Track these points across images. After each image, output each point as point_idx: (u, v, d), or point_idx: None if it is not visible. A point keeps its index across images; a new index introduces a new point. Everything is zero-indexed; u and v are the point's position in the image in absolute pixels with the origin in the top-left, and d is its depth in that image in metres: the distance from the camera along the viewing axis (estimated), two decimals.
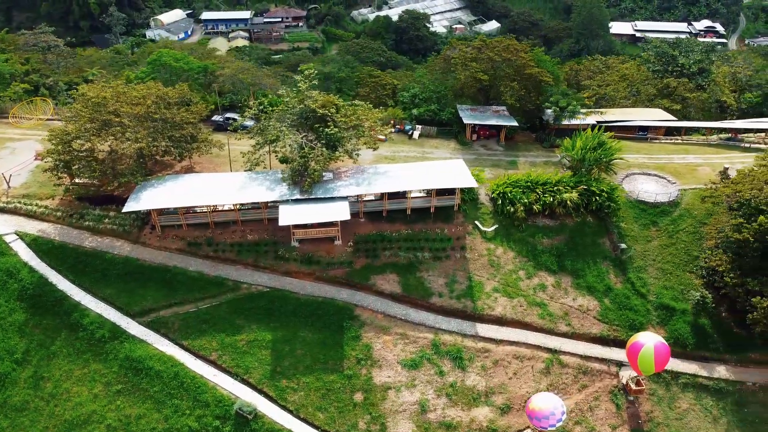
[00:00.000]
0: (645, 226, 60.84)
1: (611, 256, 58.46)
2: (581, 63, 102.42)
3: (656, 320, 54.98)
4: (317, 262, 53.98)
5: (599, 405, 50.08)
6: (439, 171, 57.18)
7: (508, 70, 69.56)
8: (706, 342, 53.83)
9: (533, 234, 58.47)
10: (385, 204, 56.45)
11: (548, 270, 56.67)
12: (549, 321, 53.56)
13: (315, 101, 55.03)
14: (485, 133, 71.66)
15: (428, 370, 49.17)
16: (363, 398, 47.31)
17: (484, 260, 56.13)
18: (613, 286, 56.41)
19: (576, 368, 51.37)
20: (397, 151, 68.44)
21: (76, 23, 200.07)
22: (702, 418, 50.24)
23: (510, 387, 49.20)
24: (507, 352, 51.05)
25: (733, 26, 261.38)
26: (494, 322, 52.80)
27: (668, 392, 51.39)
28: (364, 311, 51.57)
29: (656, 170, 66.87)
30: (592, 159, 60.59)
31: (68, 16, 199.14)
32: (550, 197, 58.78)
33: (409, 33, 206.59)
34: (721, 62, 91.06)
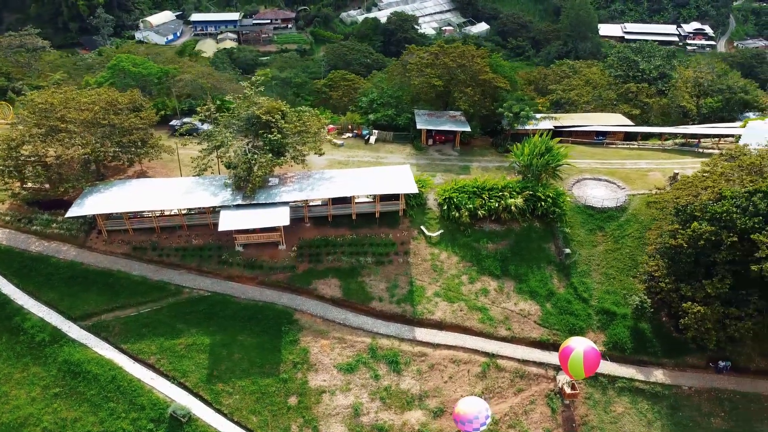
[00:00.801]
0: (591, 231, 61.48)
1: (556, 261, 59.09)
2: (549, 67, 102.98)
3: (597, 325, 55.58)
4: (260, 266, 54.66)
5: (535, 409, 50.67)
6: (383, 177, 57.87)
7: (463, 75, 70.20)
8: (644, 346, 54.40)
9: (479, 239, 59.10)
10: (330, 209, 57.13)
11: (492, 275, 57.29)
12: (489, 325, 54.19)
13: (260, 107, 55.65)
14: (441, 138, 72.34)
15: (364, 374, 49.81)
16: (297, 402, 47.98)
17: (428, 265, 56.77)
18: (555, 291, 57.04)
19: (513, 372, 51.97)
20: (352, 156, 69.12)
21: (66, 25, 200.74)
22: (636, 422, 50.80)
23: (444, 391, 49.83)
24: (444, 356, 51.68)
25: (722, 28, 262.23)
26: (433, 326, 53.44)
27: (604, 396, 51.94)
28: (304, 315, 52.24)
29: (607, 175, 67.50)
30: (539, 165, 61.26)
31: (57, 17, 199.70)
32: (495, 203, 59.45)
33: (397, 35, 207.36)
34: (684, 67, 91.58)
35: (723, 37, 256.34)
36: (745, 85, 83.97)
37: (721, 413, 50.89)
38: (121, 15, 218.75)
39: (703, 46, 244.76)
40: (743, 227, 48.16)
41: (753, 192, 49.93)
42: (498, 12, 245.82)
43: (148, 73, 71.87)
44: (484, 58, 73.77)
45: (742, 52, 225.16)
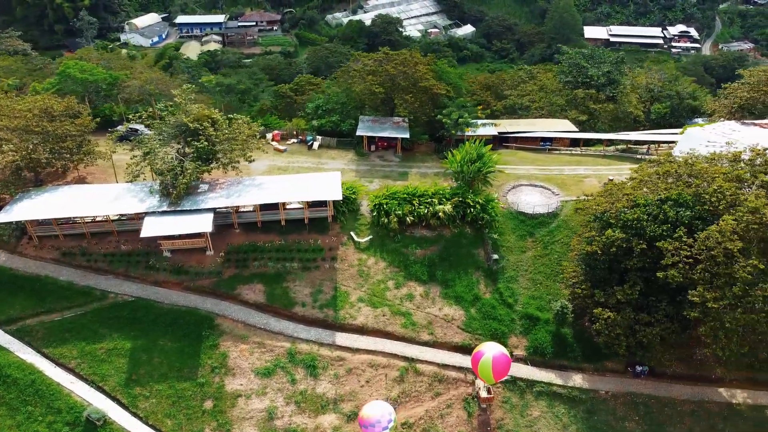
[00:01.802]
0: (522, 237, 62.37)
1: (484, 266, 59.95)
2: (507, 72, 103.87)
3: (520, 330, 56.46)
4: (186, 272, 55.58)
5: (451, 412, 51.53)
6: (312, 183, 58.78)
7: (404, 82, 71.08)
8: (565, 351, 55.23)
9: (408, 244, 59.99)
10: (258, 215, 58.01)
11: (418, 280, 58.16)
12: (411, 330, 55.07)
13: (189, 115, 56.59)
14: (383, 144, 73.26)
15: (281, 378, 50.71)
16: (212, 405, 48.87)
17: (354, 270, 57.67)
18: (481, 296, 57.90)
19: (432, 376, 52.82)
20: (293, 162, 70.06)
21: (51, 27, 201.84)
22: (552, 425, 51.66)
23: (360, 395, 50.70)
24: (362, 360, 52.56)
25: (707, 31, 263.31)
26: (355, 331, 54.32)
27: (522, 400, 52.81)
28: (225, 320, 53.14)
29: (544, 181, 68.39)
30: (470, 171, 62.13)
31: (43, 19, 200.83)
32: (425, 209, 60.32)
33: (381, 37, 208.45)
34: (635, 73, 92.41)
35: (708, 39, 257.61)
36: (693, 91, 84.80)
37: (636, 417, 51.75)
38: (106, 17, 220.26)
39: (688, 48, 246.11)
40: (652, 235, 49.02)
41: (664, 200, 50.83)
42: (484, 14, 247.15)
43: (95, 80, 72.81)
44: (428, 65, 74.57)
45: (724, 55, 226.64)
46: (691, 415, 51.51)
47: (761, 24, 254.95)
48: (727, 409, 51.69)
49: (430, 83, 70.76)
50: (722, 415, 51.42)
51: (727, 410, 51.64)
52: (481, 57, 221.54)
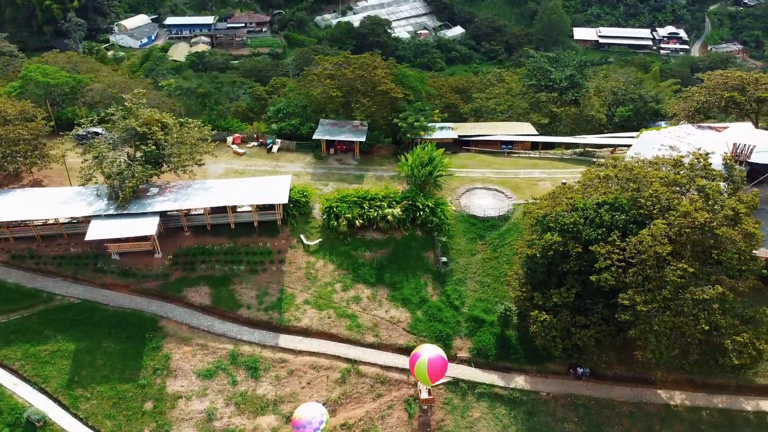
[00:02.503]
0: (472, 240, 62.98)
1: (433, 269, 60.57)
2: (477, 75, 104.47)
3: (465, 332, 57.06)
4: (134, 274, 56.26)
5: (392, 414, 52.15)
6: (260, 187, 59.45)
7: (362, 86, 71.70)
8: (508, 353, 55.81)
9: (357, 247, 60.61)
10: (207, 218, 58.65)
11: (366, 282, 58.78)
12: (356, 332, 55.69)
13: (138, 119, 57.25)
14: (342, 147, 73.88)
15: (222, 379, 51.35)
16: (153, 407, 49.52)
17: (302, 273, 58.32)
18: (428, 299, 58.51)
19: (374, 378, 53.44)
20: (250, 165, 70.71)
21: (41, 28, 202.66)
22: (492, 426, 52.25)
23: (301, 396, 51.33)
24: (305, 362, 53.20)
25: (696, 32, 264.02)
26: (299, 333, 54.97)
27: (463, 401, 53.40)
28: (170, 323, 53.80)
29: (498, 185, 68.98)
30: (421, 174, 62.77)
31: (32, 21, 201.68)
32: (374, 212, 60.93)
33: (370, 39, 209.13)
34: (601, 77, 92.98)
35: (698, 41, 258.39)
36: (656, 95, 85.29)
37: (575, 418, 52.33)
38: (96, 18, 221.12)
39: (677, 50, 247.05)
40: (588, 238, 49.61)
41: (601, 204, 51.41)
42: (473, 16, 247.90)
43: (57, 83, 73.48)
44: (388, 69, 75.18)
45: (711, 56, 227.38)
46: (630, 416, 52.08)
47: (750, 25, 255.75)
48: (664, 411, 52.30)
49: (388, 87, 71.37)
50: (660, 416, 52.02)
51: (664, 411, 52.25)
52: (470, 58, 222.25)
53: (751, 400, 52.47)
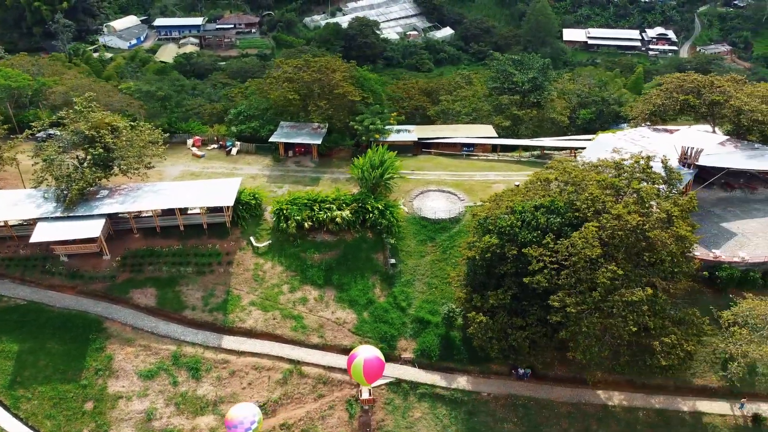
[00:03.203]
0: (422, 241, 63.56)
1: (382, 270, 61.16)
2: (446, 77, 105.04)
3: (410, 333, 57.63)
4: (81, 276, 56.90)
5: (333, 414, 52.75)
6: (209, 189, 60.12)
7: (319, 90, 72.33)
8: (452, 354, 56.38)
9: (306, 249, 61.22)
10: (156, 220, 59.29)
11: (314, 284, 59.40)
12: (301, 333, 56.32)
13: (87, 123, 57.90)
14: (301, 150, 74.51)
15: (163, 380, 51.98)
16: (93, 407, 50.15)
17: (249, 275, 58.95)
18: (375, 300, 59.11)
19: (316, 378, 54.06)
20: (207, 168, 71.36)
21: (30, 29, 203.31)
22: (432, 426, 52.81)
23: (241, 396, 51.94)
24: (247, 363, 53.82)
25: (686, 33, 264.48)
26: (243, 334, 55.60)
27: (405, 402, 53.98)
28: (114, 324, 54.44)
29: (452, 187, 69.57)
30: (372, 177, 63.38)
31: (22, 22, 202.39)
32: (324, 214, 61.53)
33: (358, 40, 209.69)
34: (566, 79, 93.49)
35: (687, 42, 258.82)
36: (619, 97, 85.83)
37: (514, 419, 52.91)
38: (85, 19, 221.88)
39: (666, 51, 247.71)
40: (523, 241, 50.20)
41: (538, 207, 52.02)
42: (463, 17, 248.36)
43: (18, 86, 74.17)
44: (346, 72, 75.77)
45: (697, 57, 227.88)
46: (568, 416, 52.65)
47: (740, 26, 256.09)
48: (602, 411, 52.85)
49: (345, 90, 71.98)
50: (597, 416, 52.59)
51: (602, 412, 52.81)
52: (458, 59, 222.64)
53: (689, 400, 53.01)
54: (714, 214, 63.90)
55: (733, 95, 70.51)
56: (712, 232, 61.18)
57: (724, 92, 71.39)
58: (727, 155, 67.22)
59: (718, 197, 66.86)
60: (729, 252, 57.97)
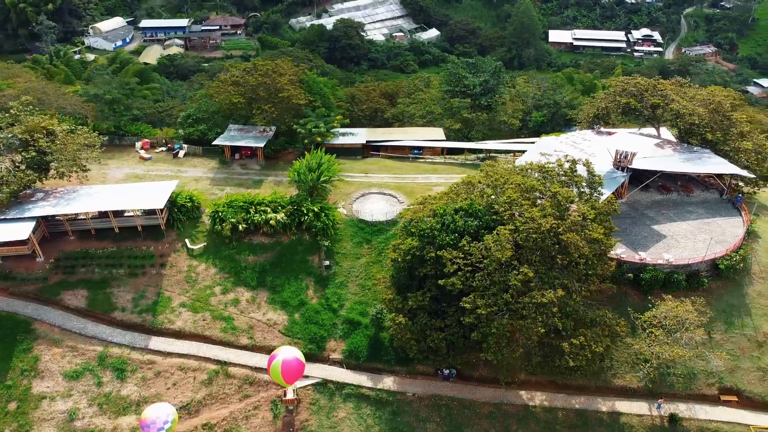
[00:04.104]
0: (359, 244, 64.28)
1: (317, 272, 61.90)
2: (407, 79, 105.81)
3: (340, 334, 58.35)
4: (13, 278, 57.66)
5: (257, 414, 53.48)
6: (142, 192, 60.85)
7: (264, 93, 73.11)
8: (380, 354, 57.09)
9: (241, 251, 61.96)
10: (90, 223, 60.07)
11: (247, 286, 60.16)
12: (231, 334, 57.08)
13: (21, 126, 58.71)
14: (248, 152, 75.26)
15: (88, 381, 52.74)
16: (16, 407, 50.88)
17: (182, 276, 59.71)
18: (308, 301, 59.85)
19: (243, 379, 54.80)
20: (152, 170, 72.11)
21: (15, 31, 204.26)
22: (356, 427, 53.52)
23: (164, 397, 52.67)
24: (173, 363, 54.56)
25: (672, 35, 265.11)
26: (172, 335, 56.36)
27: (330, 402, 54.69)
28: (43, 325, 55.18)
29: (394, 189, 70.29)
30: (309, 179, 64.12)
31: (7, 23, 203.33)
32: (259, 216, 62.27)
33: (342, 42, 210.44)
34: (516, 83, 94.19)
35: (673, 43, 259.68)
36: (571, 100, 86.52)
37: (437, 419, 53.60)
38: (71, 21, 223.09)
39: (651, 52, 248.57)
40: (441, 243, 50.91)
41: (457, 210, 52.75)
42: (449, 18, 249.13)
43: None
44: (294, 75, 76.52)
45: (680, 59, 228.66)
46: (489, 416, 53.37)
47: (725, 28, 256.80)
48: (523, 411, 53.56)
49: (290, 94, 72.74)
50: (518, 416, 53.29)
51: (523, 412, 53.52)
52: (443, 61, 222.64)
53: (609, 401, 53.72)
54: (647, 217, 64.58)
55: (674, 99, 71.18)
56: (643, 235, 61.90)
57: (665, 96, 72.05)
58: (663, 158, 67.98)
59: (654, 200, 67.53)
60: (655, 254, 58.61)
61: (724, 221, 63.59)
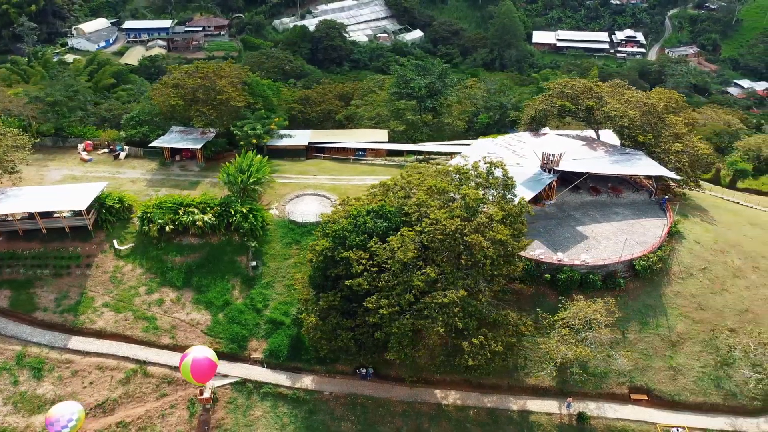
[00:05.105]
0: (288, 244, 65.02)
1: (244, 273, 62.63)
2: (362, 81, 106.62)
3: (262, 333, 59.09)
4: None
5: (174, 412, 54.21)
6: (67, 194, 61.61)
7: (203, 96, 73.90)
8: (300, 354, 57.83)
9: (169, 252, 62.70)
10: (18, 224, 60.85)
11: (173, 286, 60.90)
12: (152, 334, 57.83)
13: None
14: (188, 154, 76.02)
15: (4, 379, 53.50)
16: None
17: (107, 277, 60.48)
18: (233, 302, 60.58)
19: (161, 378, 55.54)
20: (90, 172, 72.89)
21: None
22: (271, 425, 54.25)
23: (80, 395, 53.42)
24: (91, 363, 55.33)
25: (655, 36, 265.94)
26: (93, 335, 57.14)
27: (248, 400, 55.43)
28: None
29: (328, 191, 71.04)
30: (239, 181, 64.89)
31: None
32: (187, 218, 63.00)
33: (324, 43, 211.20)
34: (465, 84, 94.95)
35: (656, 44, 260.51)
36: (517, 102, 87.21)
37: (352, 417, 54.37)
38: (55, 22, 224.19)
39: (634, 53, 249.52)
40: (351, 244, 51.66)
41: (369, 211, 53.51)
42: (433, 19, 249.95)
43: None
44: (236, 77, 77.32)
45: (660, 59, 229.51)
46: (402, 415, 54.11)
47: (709, 29, 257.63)
48: (436, 410, 54.31)
49: (228, 96, 73.50)
50: (430, 415, 54.03)
51: (435, 410, 54.27)
52: None
53: (520, 399, 54.46)
54: (573, 218, 65.29)
55: (607, 102, 71.89)
56: (565, 236, 62.61)
57: (600, 98, 72.77)
58: (592, 160, 68.69)
59: (583, 201, 68.22)
60: (574, 255, 59.30)
61: (648, 222, 64.29)
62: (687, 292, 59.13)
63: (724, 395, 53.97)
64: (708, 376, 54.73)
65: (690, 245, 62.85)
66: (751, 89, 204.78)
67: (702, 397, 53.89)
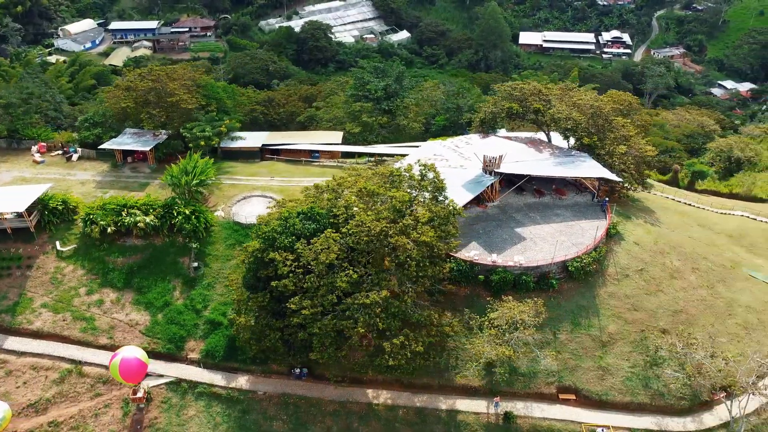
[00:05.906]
0: (231, 246, 65.57)
1: (186, 274, 63.24)
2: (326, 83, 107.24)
3: (201, 334, 59.68)
4: None
5: (107, 412, 54.80)
6: (9, 196, 62.21)
7: (154, 98, 74.56)
8: (236, 354, 58.35)
9: (112, 253, 63.33)
10: None
11: (113, 287, 61.53)
12: (90, 334, 58.47)
13: None
14: (140, 156, 76.65)
15: None
16: None
17: (47, 278, 61.11)
18: (173, 302, 61.19)
19: (96, 378, 56.16)
20: (41, 173, 73.55)
21: None
22: (204, 424, 54.78)
23: (13, 395, 54.05)
24: (26, 363, 55.96)
25: (642, 37, 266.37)
26: (30, 335, 57.77)
27: (182, 400, 55.99)
28: None
29: (276, 193, 71.61)
30: (183, 182, 65.52)
31: None
32: (129, 219, 63.62)
33: (309, 44, 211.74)
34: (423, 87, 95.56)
35: (642, 45, 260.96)
36: (473, 104, 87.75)
37: (284, 416, 54.94)
38: (41, 23, 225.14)
39: (620, 54, 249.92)
40: (279, 246, 52.24)
41: (299, 213, 54.10)
42: (420, 20, 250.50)
43: None
44: (190, 80, 77.97)
45: (644, 60, 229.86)
46: (333, 414, 54.68)
47: (695, 30, 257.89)
48: (366, 409, 54.84)
49: (179, 98, 74.14)
50: (360, 414, 54.59)
51: (366, 410, 54.80)
52: (411, 63, 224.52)
53: (450, 399, 54.97)
54: (514, 220, 65.82)
55: (554, 104, 72.45)
56: (503, 237, 63.13)
57: (548, 101, 73.36)
58: (535, 162, 69.23)
59: (527, 203, 68.73)
60: (508, 256, 59.84)
61: (588, 224, 64.77)
62: (621, 293, 59.65)
63: (652, 395, 54.43)
64: (636, 376, 55.20)
65: (629, 246, 63.41)
66: (734, 90, 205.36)
67: (629, 397, 54.36)
